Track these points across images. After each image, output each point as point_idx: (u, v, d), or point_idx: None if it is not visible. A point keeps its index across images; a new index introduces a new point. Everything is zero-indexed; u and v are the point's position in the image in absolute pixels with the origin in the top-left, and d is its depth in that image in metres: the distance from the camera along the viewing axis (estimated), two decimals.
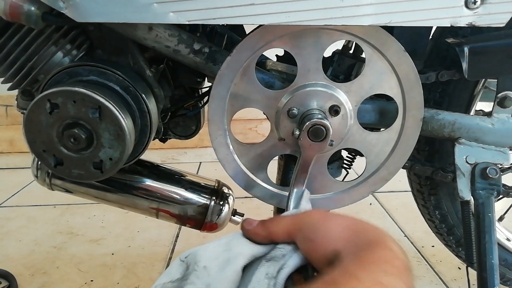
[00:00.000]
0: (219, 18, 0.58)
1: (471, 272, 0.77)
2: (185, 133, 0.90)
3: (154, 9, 0.57)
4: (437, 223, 0.94)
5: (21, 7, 0.58)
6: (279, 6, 0.57)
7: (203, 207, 0.79)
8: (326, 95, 0.68)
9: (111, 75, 0.67)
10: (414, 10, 0.58)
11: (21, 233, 1.46)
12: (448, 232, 0.94)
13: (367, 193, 0.76)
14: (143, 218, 0.93)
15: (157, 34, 0.67)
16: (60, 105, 0.61)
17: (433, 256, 1.28)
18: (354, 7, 0.58)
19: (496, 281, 0.72)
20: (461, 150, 0.75)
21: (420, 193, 0.94)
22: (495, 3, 0.58)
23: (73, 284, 1.17)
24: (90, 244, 1.38)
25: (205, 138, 0.93)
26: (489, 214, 0.74)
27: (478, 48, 0.69)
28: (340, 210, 0.75)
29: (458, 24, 0.59)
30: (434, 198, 0.91)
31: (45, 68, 0.68)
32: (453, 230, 0.94)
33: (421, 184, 0.92)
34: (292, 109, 0.68)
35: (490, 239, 0.73)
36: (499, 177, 0.74)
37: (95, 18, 0.58)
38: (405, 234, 1.42)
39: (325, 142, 0.65)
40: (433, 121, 0.75)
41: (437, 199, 0.91)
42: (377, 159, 0.74)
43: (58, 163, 0.65)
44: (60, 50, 0.69)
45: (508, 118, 0.75)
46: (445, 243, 0.99)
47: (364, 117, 0.73)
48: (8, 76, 0.68)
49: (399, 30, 0.66)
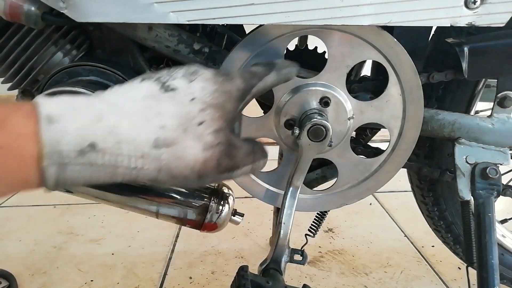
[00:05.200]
0: (219, 18, 0.58)
1: (471, 272, 0.77)
2: None
3: (154, 9, 0.57)
4: (435, 219, 0.94)
5: (21, 7, 0.58)
6: (279, 6, 0.57)
7: (203, 207, 0.79)
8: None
9: (111, 75, 0.67)
10: (414, 10, 0.58)
11: (21, 233, 1.46)
12: (446, 230, 0.95)
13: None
14: (143, 218, 0.93)
15: (157, 34, 0.67)
16: None
17: (433, 256, 1.28)
18: (354, 7, 0.58)
19: (496, 281, 0.72)
20: (461, 150, 0.75)
21: (420, 189, 0.94)
22: (495, 3, 0.58)
23: (73, 284, 1.17)
24: (90, 244, 1.38)
25: None
26: (489, 214, 0.74)
27: (478, 48, 0.69)
28: (343, 209, 0.75)
29: (458, 24, 0.59)
30: (433, 194, 0.91)
31: (45, 68, 0.68)
32: (451, 228, 0.94)
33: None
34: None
35: (490, 239, 0.73)
36: (499, 177, 0.74)
37: (95, 18, 0.58)
38: (405, 234, 1.42)
39: (325, 142, 0.65)
40: (433, 121, 0.75)
41: (435, 196, 0.91)
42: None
43: None
44: (60, 50, 0.69)
45: (508, 118, 0.75)
46: (443, 240, 0.99)
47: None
48: (8, 76, 0.68)
49: (399, 30, 0.66)
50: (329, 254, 1.31)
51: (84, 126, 0.37)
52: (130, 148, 0.39)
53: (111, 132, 0.38)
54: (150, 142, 0.39)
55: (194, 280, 1.19)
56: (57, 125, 0.36)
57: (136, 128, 0.39)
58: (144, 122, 0.40)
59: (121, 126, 0.39)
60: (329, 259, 1.28)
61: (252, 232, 1.43)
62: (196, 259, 1.29)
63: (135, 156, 0.39)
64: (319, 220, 0.87)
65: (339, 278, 1.18)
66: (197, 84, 0.43)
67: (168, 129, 0.40)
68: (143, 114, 0.40)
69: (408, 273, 1.20)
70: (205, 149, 0.41)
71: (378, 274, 1.20)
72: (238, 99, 0.46)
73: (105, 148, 0.38)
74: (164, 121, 0.40)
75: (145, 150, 0.39)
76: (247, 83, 0.47)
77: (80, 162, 0.37)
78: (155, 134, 0.40)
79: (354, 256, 1.29)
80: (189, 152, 0.41)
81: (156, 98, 0.42)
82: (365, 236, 1.41)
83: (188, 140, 0.41)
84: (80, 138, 0.37)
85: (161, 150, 0.40)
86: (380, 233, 1.43)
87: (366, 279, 1.18)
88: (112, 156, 0.38)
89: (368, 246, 1.35)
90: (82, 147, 0.37)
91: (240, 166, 0.45)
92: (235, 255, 1.30)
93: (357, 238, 1.40)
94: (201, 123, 0.41)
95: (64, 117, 0.37)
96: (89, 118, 0.38)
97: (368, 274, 1.20)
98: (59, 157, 0.36)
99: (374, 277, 1.19)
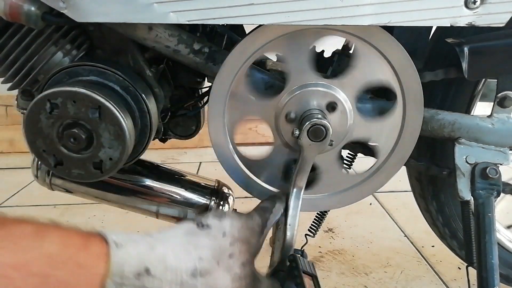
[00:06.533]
0: (219, 18, 0.58)
1: (471, 272, 0.77)
2: (185, 133, 0.90)
3: (154, 9, 0.57)
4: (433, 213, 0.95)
5: (21, 7, 0.58)
6: (279, 6, 0.57)
7: (203, 207, 0.79)
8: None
9: (111, 75, 0.67)
10: (414, 10, 0.58)
11: None
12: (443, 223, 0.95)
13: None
14: (143, 218, 0.93)
15: (157, 34, 0.67)
16: (60, 105, 0.61)
17: (433, 256, 1.28)
18: (354, 7, 0.58)
19: (496, 281, 0.72)
20: (461, 150, 0.75)
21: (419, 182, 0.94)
22: (495, 3, 0.58)
23: None
24: None
25: (205, 138, 0.93)
26: (489, 214, 0.74)
27: (478, 48, 0.69)
28: (343, 209, 0.75)
29: (458, 24, 0.59)
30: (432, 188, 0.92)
31: (45, 68, 0.68)
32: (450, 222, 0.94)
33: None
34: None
35: (490, 239, 0.73)
36: (499, 177, 0.74)
37: (95, 18, 0.58)
38: (405, 234, 1.42)
39: (325, 142, 0.65)
40: (433, 121, 0.75)
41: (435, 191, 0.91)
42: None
43: (58, 163, 0.65)
44: (60, 50, 0.69)
45: (508, 118, 0.75)
46: (440, 235, 0.99)
47: None
48: (8, 76, 0.68)
49: (399, 30, 0.66)
50: (329, 254, 1.30)
51: (142, 253, 0.44)
52: (172, 276, 0.44)
53: (160, 260, 0.44)
54: (189, 271, 0.45)
55: None
56: (123, 249, 0.43)
57: (179, 258, 0.45)
58: (186, 253, 0.46)
59: (168, 256, 0.45)
60: (329, 259, 1.28)
61: None
62: None
63: (175, 283, 0.44)
64: (319, 220, 0.87)
65: (339, 278, 1.18)
66: (227, 221, 0.50)
67: (204, 261, 0.46)
68: (184, 246, 0.46)
69: (408, 273, 1.20)
70: (233, 280, 0.47)
71: (378, 274, 1.20)
72: (259, 233, 0.53)
73: (155, 273, 0.43)
74: (201, 253, 0.46)
75: (184, 278, 0.44)
76: (263, 218, 0.55)
77: (136, 283, 0.42)
78: (194, 265, 0.45)
79: (354, 256, 1.29)
80: (220, 283, 0.46)
81: (194, 234, 0.48)
82: (365, 236, 1.40)
83: (220, 271, 0.46)
84: (139, 263, 0.43)
85: (197, 279, 0.45)
86: (380, 233, 1.43)
87: (366, 279, 1.18)
88: (159, 282, 0.43)
89: (368, 246, 1.35)
90: (140, 271, 0.42)
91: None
92: None
93: (357, 238, 1.40)
94: (231, 255, 0.48)
95: (127, 244, 0.44)
96: (144, 247, 0.44)
97: (368, 274, 1.20)
98: (121, 277, 0.42)
99: (374, 277, 1.19)
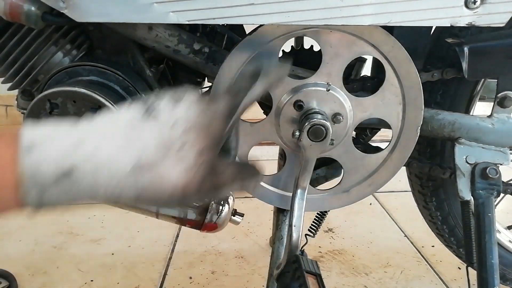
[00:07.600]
0: (219, 18, 0.58)
1: (471, 272, 0.77)
2: None
3: (154, 9, 0.57)
4: (432, 210, 0.94)
5: (21, 7, 0.58)
6: (279, 6, 0.57)
7: (203, 207, 0.79)
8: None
9: (111, 75, 0.67)
10: (414, 10, 0.58)
11: (21, 233, 1.46)
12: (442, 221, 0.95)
13: None
14: (143, 218, 0.93)
15: (157, 34, 0.67)
16: (60, 105, 0.61)
17: (433, 256, 1.28)
18: (354, 7, 0.58)
19: (496, 281, 0.72)
20: (461, 150, 0.75)
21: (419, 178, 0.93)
22: (495, 3, 0.58)
23: (73, 284, 1.17)
24: (90, 244, 1.38)
25: None
26: (489, 214, 0.74)
27: (478, 48, 0.69)
28: (343, 209, 0.75)
29: (458, 24, 0.59)
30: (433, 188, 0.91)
31: (45, 68, 0.68)
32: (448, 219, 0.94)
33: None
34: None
35: (490, 239, 0.73)
36: (499, 177, 0.74)
37: (95, 18, 0.58)
38: (405, 234, 1.42)
39: (326, 141, 0.65)
40: (433, 121, 0.75)
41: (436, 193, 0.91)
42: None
43: None
44: (60, 50, 0.69)
45: (508, 118, 0.75)
46: (437, 232, 0.99)
47: None
48: (8, 76, 0.68)
49: (399, 30, 0.66)
50: (329, 254, 1.31)
51: (63, 152, 0.38)
52: (108, 172, 0.39)
53: (90, 157, 0.39)
54: (129, 166, 0.40)
55: (194, 280, 1.19)
56: (36, 152, 0.38)
57: (114, 153, 0.40)
58: (123, 147, 0.40)
59: (101, 151, 0.39)
60: (329, 259, 1.28)
61: (252, 232, 1.43)
62: (196, 259, 1.29)
63: (113, 180, 0.39)
64: (319, 220, 0.87)
65: (339, 278, 1.18)
66: (182, 107, 0.43)
67: (147, 153, 0.40)
68: (122, 139, 0.40)
69: (408, 273, 1.20)
70: (187, 170, 0.41)
71: (378, 274, 1.20)
72: (225, 117, 0.45)
73: (84, 174, 0.38)
74: (143, 145, 0.40)
75: (123, 174, 0.39)
76: (233, 99, 0.46)
77: (60, 186, 0.38)
78: (134, 159, 0.40)
79: (354, 256, 1.29)
80: (170, 175, 0.41)
81: (137, 124, 0.42)
82: (365, 236, 1.41)
83: (168, 163, 0.41)
84: (58, 164, 0.38)
85: (140, 174, 0.40)
86: (380, 233, 1.43)
87: (366, 279, 1.18)
88: (91, 180, 0.39)
89: (368, 246, 1.35)
90: (63, 172, 0.38)
91: (226, 185, 0.44)
92: (235, 255, 1.30)
93: (357, 238, 1.40)
94: (183, 144, 0.41)
95: (44, 144, 0.38)
96: (68, 144, 0.39)
97: (368, 274, 1.20)
98: (38, 182, 0.37)
99: (374, 277, 1.19)
